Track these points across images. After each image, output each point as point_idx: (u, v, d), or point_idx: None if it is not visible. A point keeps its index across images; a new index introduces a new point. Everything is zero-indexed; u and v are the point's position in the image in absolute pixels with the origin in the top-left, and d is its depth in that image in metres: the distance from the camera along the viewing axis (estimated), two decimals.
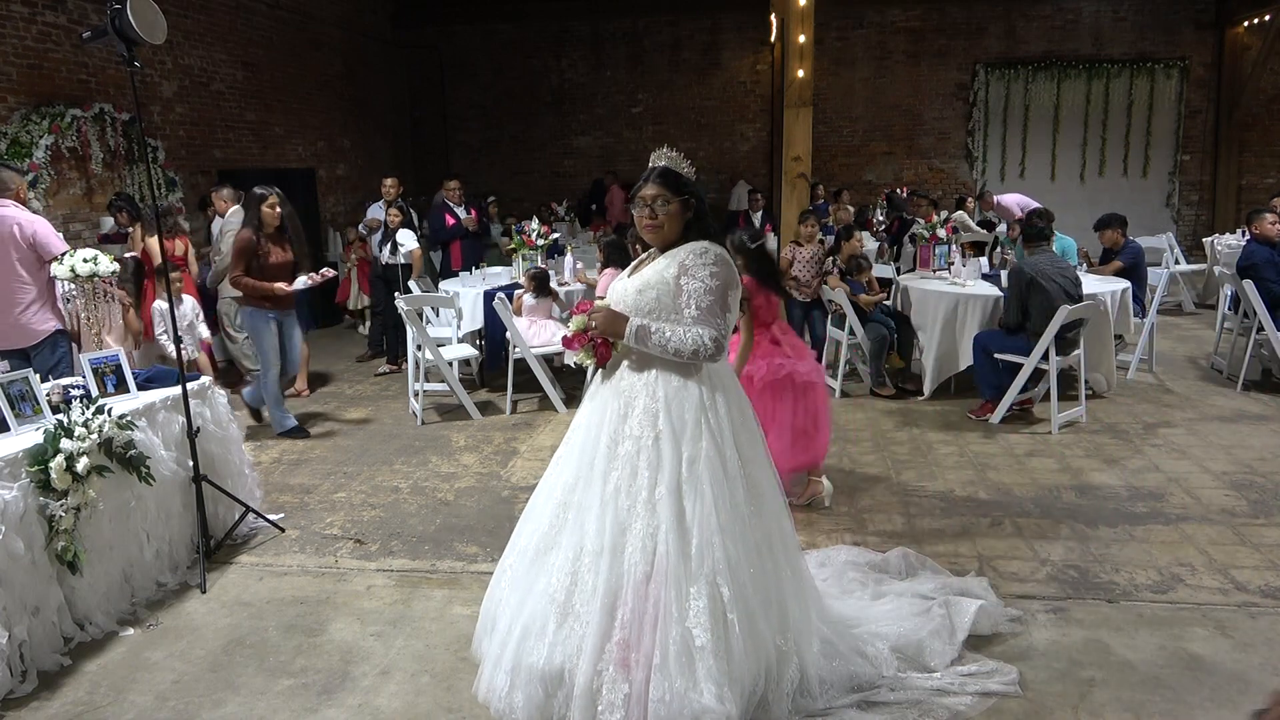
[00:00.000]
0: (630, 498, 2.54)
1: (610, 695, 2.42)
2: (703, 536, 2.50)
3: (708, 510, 2.52)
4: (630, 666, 2.44)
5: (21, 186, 4.98)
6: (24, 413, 3.34)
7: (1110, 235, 7.15)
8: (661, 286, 2.62)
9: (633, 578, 2.48)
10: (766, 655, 2.56)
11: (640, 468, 2.55)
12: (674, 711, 2.36)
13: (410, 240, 7.66)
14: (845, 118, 13.97)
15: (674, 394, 2.60)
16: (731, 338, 2.75)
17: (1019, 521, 4.19)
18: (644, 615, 2.46)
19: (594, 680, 2.44)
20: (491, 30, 14.35)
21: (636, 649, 2.45)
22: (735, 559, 2.52)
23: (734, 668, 2.45)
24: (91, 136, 7.26)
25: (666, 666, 2.39)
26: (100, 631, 3.32)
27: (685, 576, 2.46)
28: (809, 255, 6.81)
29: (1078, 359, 5.73)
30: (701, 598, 2.45)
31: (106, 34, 3.52)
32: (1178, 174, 13.51)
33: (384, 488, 4.91)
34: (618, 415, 2.64)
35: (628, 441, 2.60)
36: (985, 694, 2.76)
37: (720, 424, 2.62)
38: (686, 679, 2.39)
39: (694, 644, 2.42)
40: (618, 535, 2.52)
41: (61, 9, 7.25)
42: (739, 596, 2.50)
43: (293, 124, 10.86)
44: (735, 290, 2.65)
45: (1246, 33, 12.77)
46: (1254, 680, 2.85)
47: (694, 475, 2.54)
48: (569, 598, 2.55)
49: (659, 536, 2.49)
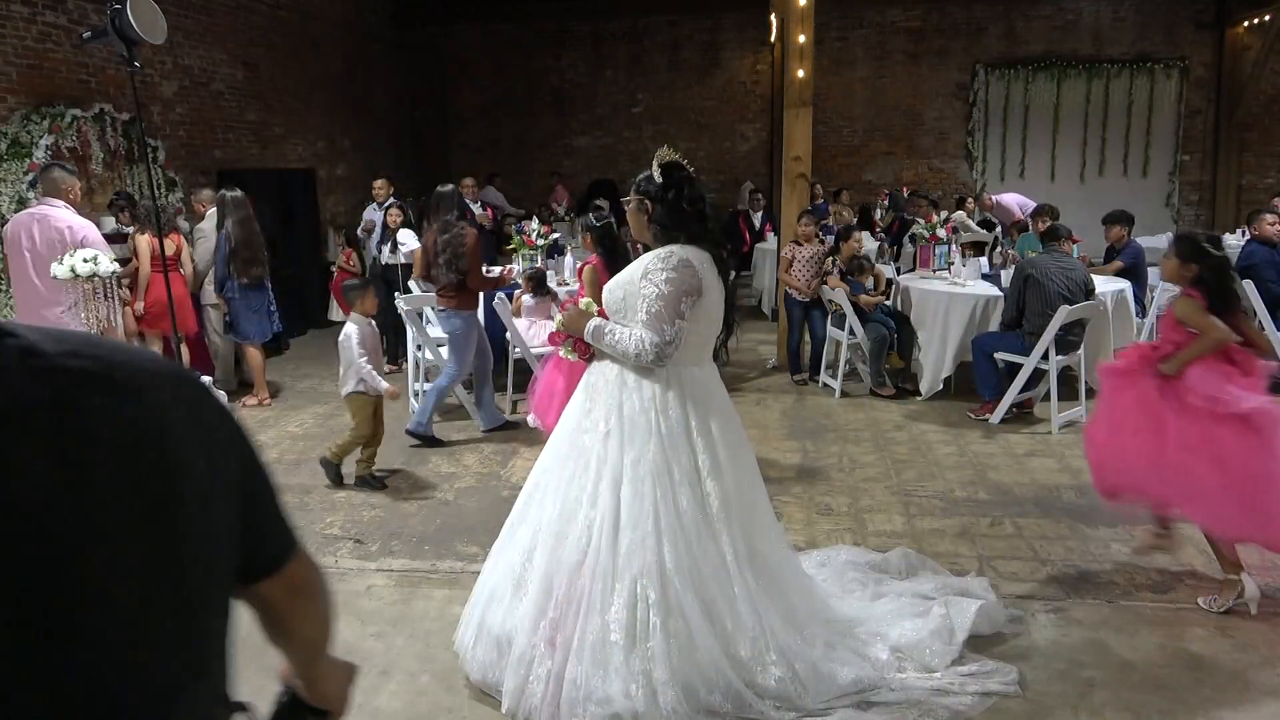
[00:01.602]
0: (579, 488, 2.70)
1: (538, 669, 2.62)
2: (635, 536, 2.59)
3: (645, 512, 2.60)
4: (555, 646, 2.61)
5: (73, 187, 5.05)
6: None
7: (1116, 231, 7.16)
8: (629, 287, 2.72)
9: (568, 564, 2.64)
10: (714, 663, 2.58)
11: (591, 461, 2.70)
12: (583, 696, 2.53)
13: (412, 240, 7.65)
14: (845, 118, 13.97)
15: (628, 394, 2.71)
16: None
17: (1019, 521, 4.20)
18: (571, 601, 2.62)
19: (527, 652, 2.65)
20: (491, 30, 14.34)
21: (562, 630, 2.61)
22: (672, 564, 2.58)
23: (658, 669, 2.52)
24: (91, 136, 7.25)
25: (583, 653, 2.55)
26: None
27: (612, 572, 2.58)
28: (808, 255, 6.81)
29: (1078, 359, 5.73)
30: (624, 595, 2.56)
31: (106, 34, 3.53)
32: (1178, 174, 13.51)
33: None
34: (583, 408, 2.81)
35: (587, 435, 2.75)
36: (985, 694, 2.76)
37: (673, 429, 2.68)
38: (599, 669, 2.53)
39: (609, 638, 2.54)
40: (564, 522, 2.69)
41: (61, 9, 7.25)
42: (670, 602, 2.56)
43: (293, 124, 10.85)
44: (693, 296, 2.66)
45: (1246, 33, 12.76)
46: (1254, 680, 2.85)
47: (636, 476, 2.63)
48: (523, 572, 2.77)
49: (593, 529, 2.63)
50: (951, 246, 7.36)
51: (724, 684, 2.58)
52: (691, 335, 2.72)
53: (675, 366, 2.73)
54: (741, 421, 3.01)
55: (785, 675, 2.64)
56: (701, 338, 2.78)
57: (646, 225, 2.80)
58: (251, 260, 6.58)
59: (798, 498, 4.55)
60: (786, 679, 2.64)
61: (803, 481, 4.81)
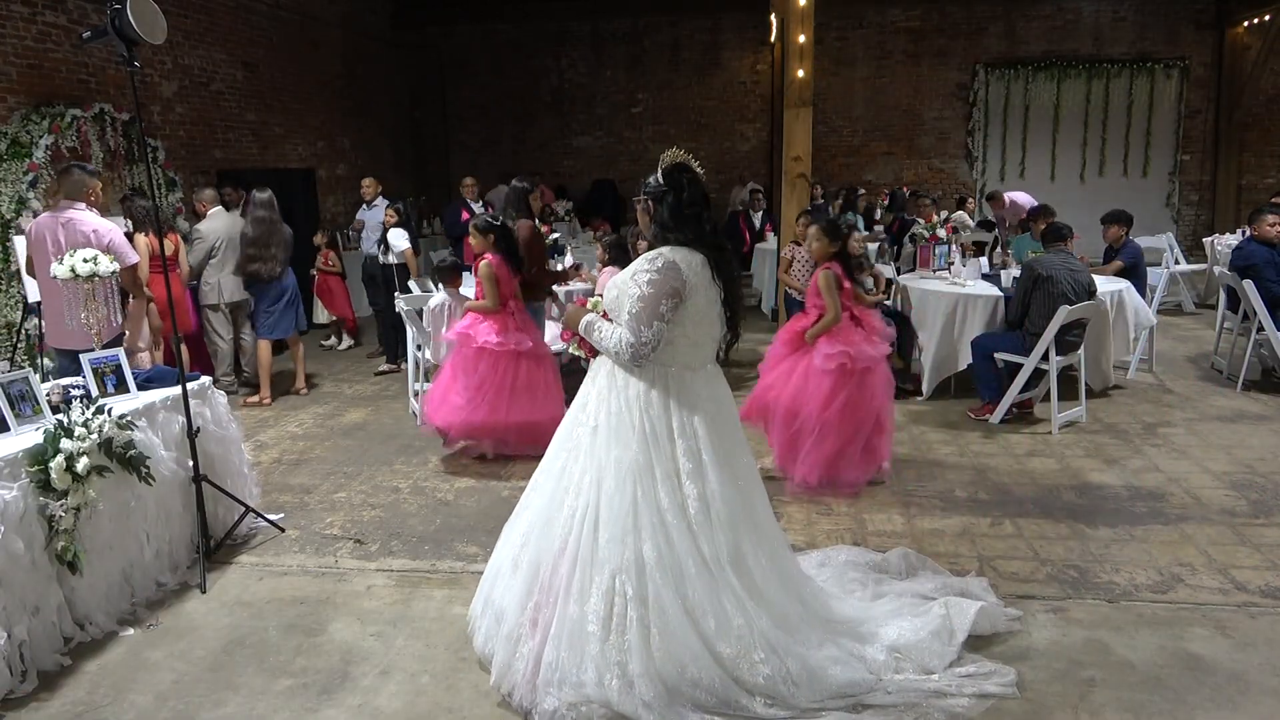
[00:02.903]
0: (569, 478, 2.79)
1: (522, 647, 2.74)
2: (614, 531, 2.65)
3: (625, 508, 2.66)
4: (537, 627, 2.70)
5: (95, 189, 4.97)
6: (24, 413, 3.34)
7: (1114, 231, 7.15)
8: (622, 286, 2.78)
9: (552, 550, 2.74)
10: (697, 658, 2.61)
11: (580, 453, 2.79)
12: (557, 680, 2.62)
13: (401, 240, 7.65)
14: (845, 118, 13.97)
15: (616, 392, 2.78)
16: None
17: (1019, 521, 4.19)
18: (553, 587, 2.70)
19: (514, 630, 2.77)
20: (491, 30, 14.34)
21: (543, 613, 2.70)
22: (653, 560, 2.64)
23: (634, 661, 2.58)
24: (91, 136, 7.25)
25: (560, 638, 2.64)
26: (100, 631, 3.32)
27: (592, 563, 2.65)
28: (808, 255, 6.80)
29: (1078, 359, 5.73)
30: (602, 587, 2.63)
31: (106, 34, 3.52)
32: (1178, 174, 13.51)
33: (384, 488, 4.90)
34: (580, 402, 2.90)
35: (580, 428, 2.83)
36: (983, 695, 2.76)
37: (656, 428, 2.72)
38: (573, 656, 2.61)
39: (586, 628, 2.62)
40: (554, 509, 2.79)
41: (61, 9, 7.25)
42: (648, 597, 2.62)
43: (292, 124, 10.85)
44: (675, 299, 2.69)
45: (1246, 33, 12.76)
46: (1254, 680, 2.85)
47: (619, 472, 2.69)
48: (520, 552, 2.88)
49: (575, 518, 2.71)
50: (951, 246, 7.35)
51: (708, 680, 2.61)
52: (680, 338, 2.74)
53: (663, 367, 2.76)
54: (741, 423, 3.02)
55: (775, 673, 2.65)
56: (692, 340, 2.78)
57: (649, 226, 2.88)
58: (254, 257, 6.61)
59: (798, 498, 4.55)
60: (777, 676, 2.65)
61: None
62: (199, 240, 6.76)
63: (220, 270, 6.79)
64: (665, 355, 2.74)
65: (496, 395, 4.95)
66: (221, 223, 6.84)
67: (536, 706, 2.64)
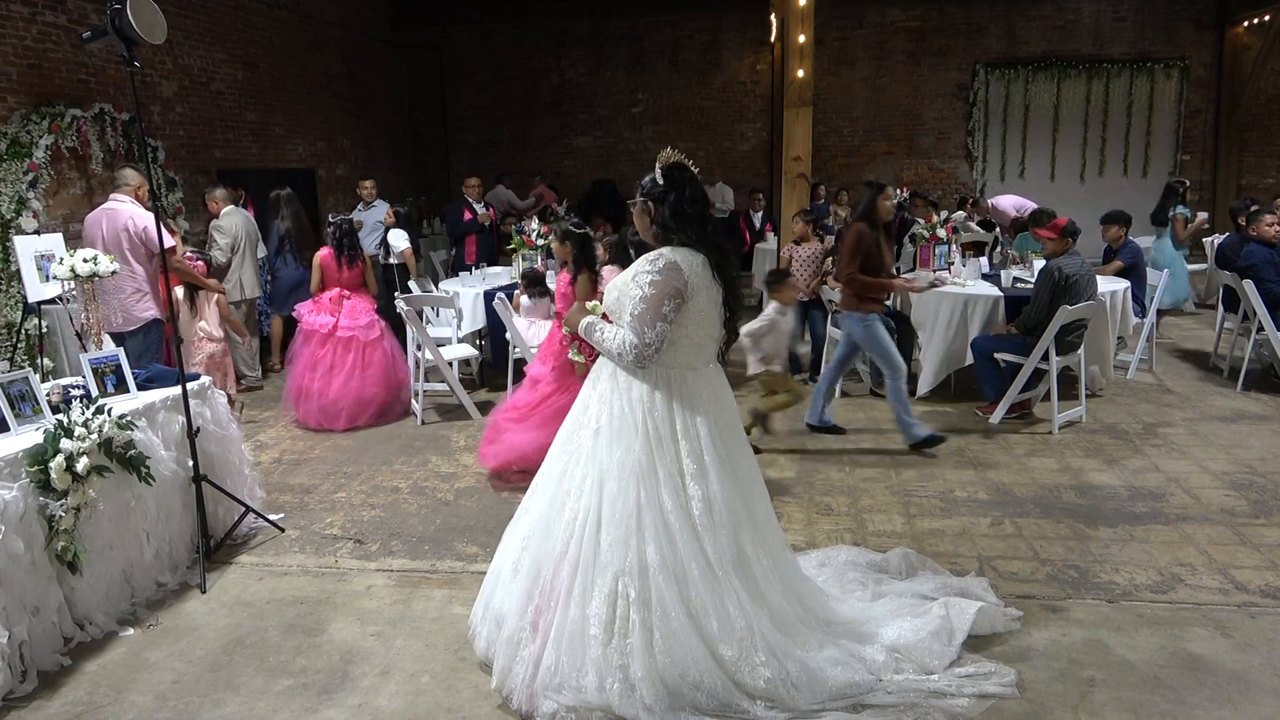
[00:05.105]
0: (570, 480, 2.77)
1: (522, 651, 2.73)
2: (617, 534, 2.63)
3: (628, 511, 2.64)
4: (537, 631, 2.69)
5: (140, 186, 5.46)
6: (24, 413, 3.34)
7: (1114, 231, 7.15)
8: (623, 287, 2.77)
9: (553, 554, 2.72)
10: (699, 661, 2.60)
11: (582, 456, 2.76)
12: (557, 684, 2.61)
13: (401, 241, 7.65)
14: (845, 118, 13.97)
15: (619, 393, 2.76)
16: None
17: (1019, 521, 4.20)
18: (554, 590, 2.69)
19: (515, 633, 2.76)
20: (491, 30, 14.34)
21: (544, 617, 2.69)
22: (656, 563, 2.62)
23: (636, 664, 2.56)
24: (91, 136, 7.25)
25: (560, 642, 2.62)
26: (100, 631, 3.32)
27: (594, 567, 2.63)
28: (807, 255, 6.81)
29: (1078, 359, 5.72)
30: (605, 590, 2.61)
31: (106, 34, 3.52)
32: (1178, 174, 13.49)
33: (384, 488, 4.91)
34: (582, 404, 2.88)
35: (582, 430, 2.82)
36: (983, 696, 2.76)
37: (659, 429, 2.71)
38: (574, 659, 2.59)
39: (588, 631, 2.60)
40: (555, 512, 2.77)
41: (61, 9, 7.25)
42: (651, 599, 2.60)
43: (292, 124, 10.85)
44: (677, 299, 2.68)
45: (1246, 33, 12.76)
46: (1254, 680, 2.85)
47: (621, 474, 2.67)
48: (520, 556, 2.87)
49: (576, 522, 2.70)
50: (951, 246, 7.35)
51: (709, 683, 2.59)
52: (682, 338, 2.73)
53: (665, 368, 2.75)
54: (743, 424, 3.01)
55: (776, 676, 2.64)
56: (694, 340, 2.78)
57: (649, 227, 2.83)
58: (306, 244, 7.10)
59: (798, 498, 4.56)
60: (777, 680, 2.64)
61: (802, 482, 4.81)
62: (220, 236, 6.78)
63: (240, 268, 6.82)
64: (668, 356, 2.73)
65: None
66: (239, 219, 6.88)
67: (535, 710, 2.63)
